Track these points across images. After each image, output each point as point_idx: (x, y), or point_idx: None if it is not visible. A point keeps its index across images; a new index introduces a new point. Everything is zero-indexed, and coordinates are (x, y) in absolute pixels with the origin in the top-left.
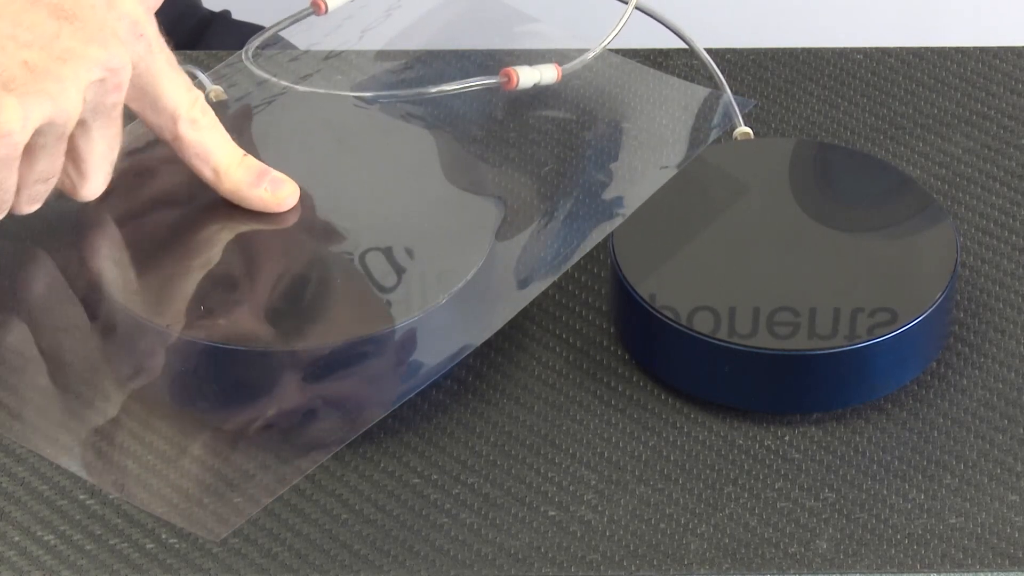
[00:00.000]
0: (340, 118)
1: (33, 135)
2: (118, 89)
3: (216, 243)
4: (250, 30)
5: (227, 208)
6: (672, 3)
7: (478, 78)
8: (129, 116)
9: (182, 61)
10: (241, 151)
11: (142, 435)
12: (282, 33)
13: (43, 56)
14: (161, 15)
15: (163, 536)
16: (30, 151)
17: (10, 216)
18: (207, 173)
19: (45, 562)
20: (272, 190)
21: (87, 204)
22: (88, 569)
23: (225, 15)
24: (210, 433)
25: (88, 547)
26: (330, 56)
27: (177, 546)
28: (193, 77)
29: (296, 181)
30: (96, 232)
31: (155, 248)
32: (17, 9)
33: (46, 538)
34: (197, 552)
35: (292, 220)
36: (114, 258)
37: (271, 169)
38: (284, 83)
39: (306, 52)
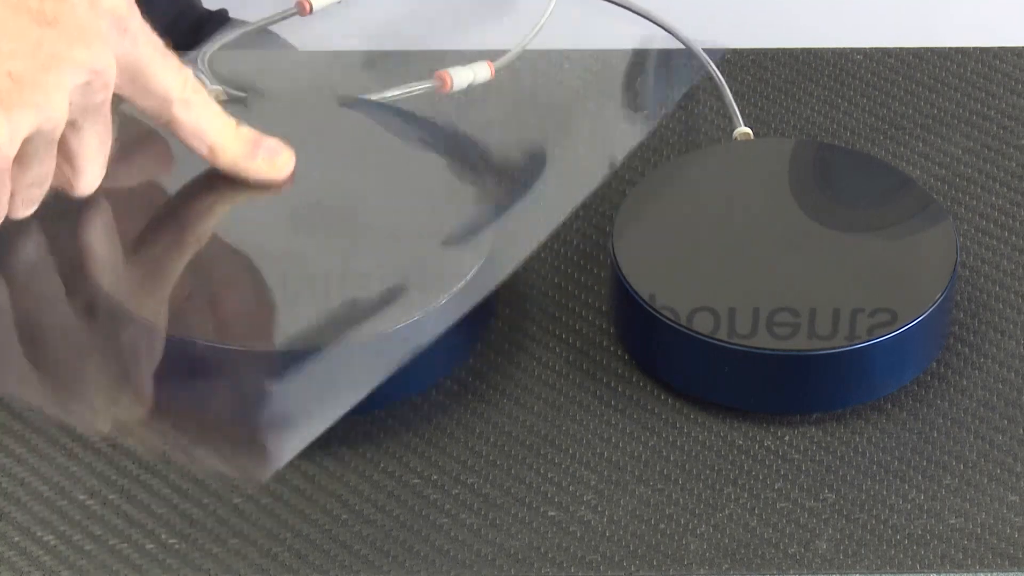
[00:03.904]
0: (339, 119)
1: (23, 144)
2: (105, 88)
3: (214, 243)
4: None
5: (223, 209)
6: (671, 3)
7: (414, 84)
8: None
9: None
10: (234, 121)
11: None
12: (279, 31)
13: (27, 65)
14: (158, 14)
15: (163, 536)
16: (21, 159)
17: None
18: (203, 150)
19: (45, 562)
20: (268, 159)
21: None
22: (88, 569)
23: (222, 14)
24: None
25: (88, 547)
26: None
27: (177, 546)
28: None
29: (293, 184)
30: (91, 227)
31: (153, 246)
32: (0, 19)
33: (46, 538)
34: (197, 552)
35: (291, 211)
36: (111, 254)
37: (265, 137)
38: (232, 91)
39: (299, 51)
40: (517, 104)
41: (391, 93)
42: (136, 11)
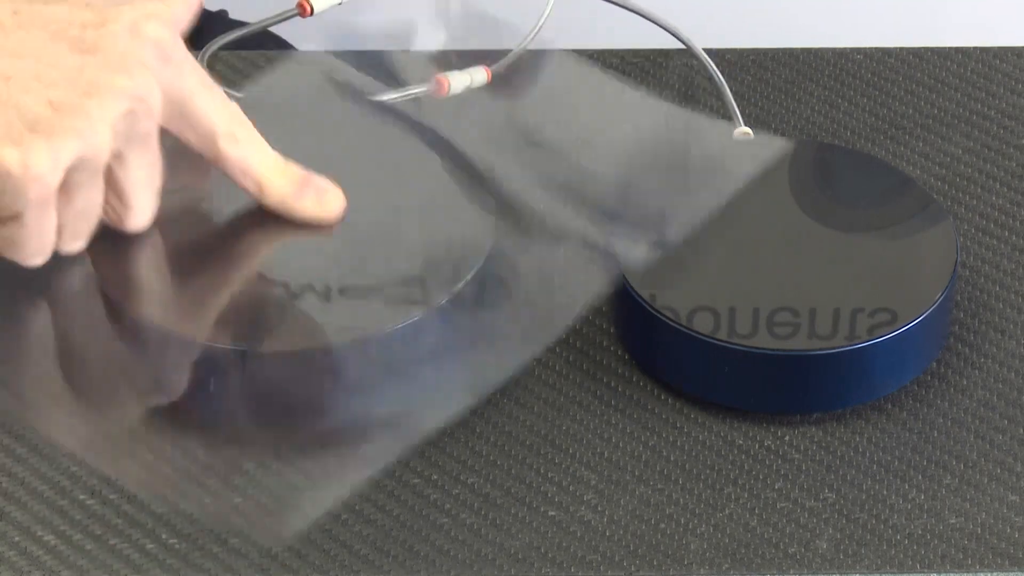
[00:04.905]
0: (338, 119)
1: (67, 173)
2: (149, 116)
3: (227, 248)
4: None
5: (223, 209)
6: (671, 3)
7: (412, 87)
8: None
9: None
10: (282, 160)
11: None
12: (279, 31)
13: (68, 93)
14: None
15: (163, 536)
16: (66, 189)
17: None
18: (251, 187)
19: (45, 562)
20: (317, 199)
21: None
22: (88, 569)
23: (222, 14)
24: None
25: (88, 547)
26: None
27: (177, 546)
28: None
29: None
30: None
31: (181, 259)
32: (39, 46)
33: (46, 538)
34: (197, 552)
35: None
36: (147, 270)
37: (314, 175)
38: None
39: (302, 52)
40: (517, 105)
41: (388, 96)
42: (180, 42)
